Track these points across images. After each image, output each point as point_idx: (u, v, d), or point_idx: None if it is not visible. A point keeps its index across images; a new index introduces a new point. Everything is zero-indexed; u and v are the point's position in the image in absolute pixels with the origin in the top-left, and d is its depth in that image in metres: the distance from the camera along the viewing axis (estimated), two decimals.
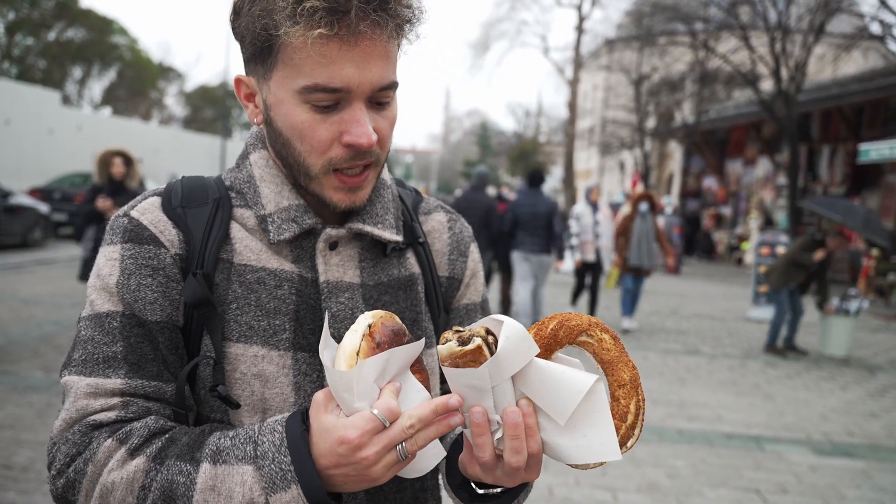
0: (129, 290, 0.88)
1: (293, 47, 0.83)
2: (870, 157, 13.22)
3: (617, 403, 0.76)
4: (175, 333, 0.91)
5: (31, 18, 27.13)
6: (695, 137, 23.49)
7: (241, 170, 1.00)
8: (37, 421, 4.46)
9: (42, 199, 14.99)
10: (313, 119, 0.87)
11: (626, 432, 0.75)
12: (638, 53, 24.55)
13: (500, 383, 0.73)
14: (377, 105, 0.89)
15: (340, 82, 0.84)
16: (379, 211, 1.01)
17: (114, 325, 0.87)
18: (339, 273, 0.97)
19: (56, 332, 6.83)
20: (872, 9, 18.62)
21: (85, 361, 0.86)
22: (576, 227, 8.87)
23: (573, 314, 0.77)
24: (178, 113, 44.88)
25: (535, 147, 48.20)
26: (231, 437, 0.79)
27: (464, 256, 1.13)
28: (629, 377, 0.76)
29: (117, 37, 32.60)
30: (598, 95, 35.58)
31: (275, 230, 0.94)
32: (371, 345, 0.75)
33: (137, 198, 0.97)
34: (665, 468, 4.39)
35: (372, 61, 0.85)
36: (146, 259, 0.90)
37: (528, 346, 0.72)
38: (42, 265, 11.67)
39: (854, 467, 4.59)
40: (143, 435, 0.81)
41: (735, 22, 16.57)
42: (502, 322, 0.73)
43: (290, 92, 0.86)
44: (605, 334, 0.76)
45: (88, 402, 0.84)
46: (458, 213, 1.18)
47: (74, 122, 22.81)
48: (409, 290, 1.03)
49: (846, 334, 8.10)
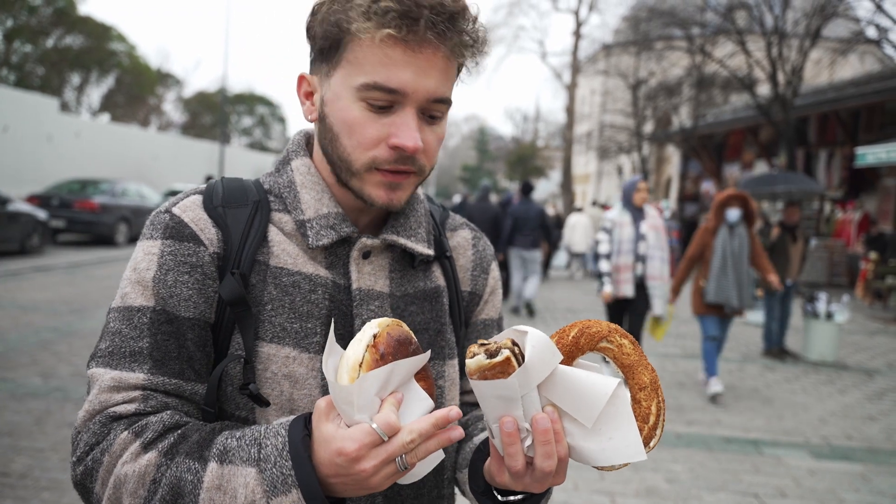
0: (166, 286, 0.91)
1: (360, 45, 0.88)
2: (867, 160, 13.24)
3: (638, 405, 0.78)
4: (205, 331, 0.93)
5: (29, 25, 27.14)
6: (692, 141, 23.53)
7: (282, 175, 1.03)
8: (34, 428, 4.45)
9: (40, 206, 14.96)
10: (366, 117, 0.90)
11: (648, 433, 0.78)
12: (635, 58, 24.61)
13: (527, 392, 0.75)
14: (429, 118, 0.93)
15: (398, 84, 0.87)
16: (413, 224, 1.04)
17: (143, 321, 0.90)
18: (371, 281, 1.01)
19: (54, 339, 6.82)
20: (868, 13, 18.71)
21: (112, 354, 0.89)
22: (606, 244, 5.93)
23: (593, 321, 0.79)
24: (177, 119, 44.86)
25: (534, 152, 48.25)
26: (238, 438, 0.81)
27: (485, 273, 1.17)
28: (649, 380, 0.78)
29: (115, 43, 32.61)
30: (596, 100, 35.65)
31: (313, 235, 0.97)
32: (374, 356, 0.75)
33: (179, 195, 1.00)
34: (664, 472, 4.38)
35: (431, 72, 0.88)
36: (185, 256, 0.93)
37: (552, 354, 0.74)
38: (40, 272, 11.66)
39: (852, 471, 4.59)
40: (158, 430, 0.83)
41: (731, 27, 16.61)
42: (526, 332, 0.74)
43: (349, 88, 0.90)
44: (624, 339, 0.79)
45: (111, 396, 0.87)
46: (481, 231, 1.23)
47: (73, 128, 22.80)
48: (434, 302, 1.06)
49: (829, 339, 8.05)
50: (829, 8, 14.33)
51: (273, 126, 52.71)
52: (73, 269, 12.41)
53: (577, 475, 4.25)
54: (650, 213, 5.97)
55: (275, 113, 52.27)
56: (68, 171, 21.21)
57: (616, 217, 5.96)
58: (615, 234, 5.89)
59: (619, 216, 5.96)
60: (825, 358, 8.04)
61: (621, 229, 5.89)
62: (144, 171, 26.34)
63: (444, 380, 1.05)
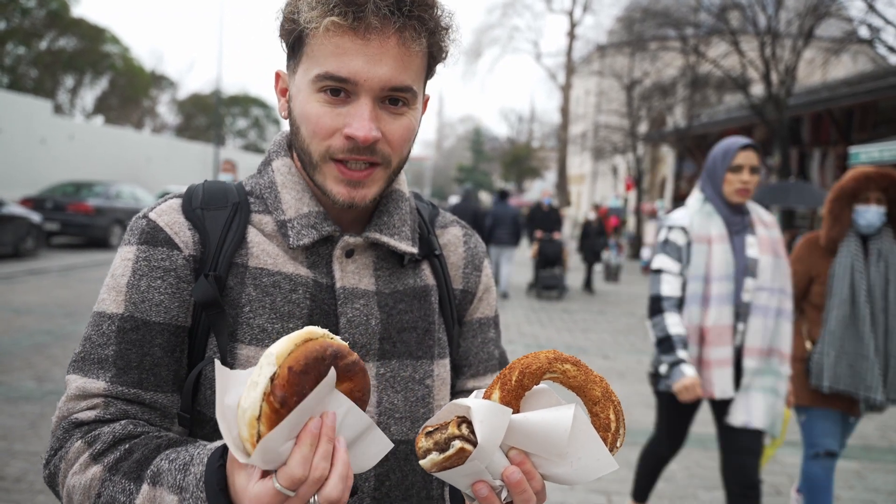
0: (139, 291, 0.92)
1: (315, 38, 0.88)
2: (860, 160, 13.29)
3: (597, 418, 0.79)
4: (177, 336, 0.93)
5: (22, 27, 27.04)
6: (687, 142, 23.60)
7: (263, 175, 1.03)
8: (29, 431, 4.44)
9: (34, 209, 14.90)
10: (322, 109, 0.90)
11: (612, 438, 0.79)
12: (629, 59, 24.67)
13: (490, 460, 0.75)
14: (390, 107, 0.91)
15: (348, 72, 0.87)
16: (396, 222, 1.03)
17: (111, 329, 0.90)
18: (355, 280, 1.00)
19: (48, 342, 6.80)
20: (861, 13, 18.79)
21: (83, 359, 0.91)
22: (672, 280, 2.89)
23: (530, 357, 0.78)
24: (171, 121, 44.79)
25: (529, 152, 48.33)
26: (171, 461, 0.80)
27: (478, 271, 1.16)
28: (601, 392, 0.79)
29: (109, 45, 32.52)
30: (591, 100, 35.72)
31: (294, 235, 0.96)
32: (273, 407, 0.67)
33: (158, 200, 1.01)
34: None
35: (384, 59, 0.87)
36: (158, 261, 0.93)
37: (502, 417, 0.74)
38: (34, 275, 11.61)
39: (847, 468, 4.61)
40: (107, 441, 0.84)
41: (725, 27, 16.67)
42: (469, 406, 0.74)
43: (307, 81, 0.91)
44: (566, 364, 0.78)
45: (76, 403, 0.89)
46: (472, 229, 1.21)
47: (66, 131, 22.72)
48: (423, 301, 1.05)
49: None
50: (821, 8, 14.39)
51: (268, 128, 52.64)
52: (67, 272, 12.37)
53: None
54: (762, 218, 2.97)
55: (269, 114, 52.19)
56: (62, 174, 21.13)
57: (693, 223, 2.90)
58: (694, 260, 2.86)
59: (699, 221, 2.90)
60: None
61: (705, 250, 2.85)
62: (138, 173, 26.26)
63: (432, 379, 1.04)
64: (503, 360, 1.19)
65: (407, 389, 1.01)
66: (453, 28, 0.94)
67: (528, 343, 8.30)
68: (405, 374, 1.01)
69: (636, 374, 7.01)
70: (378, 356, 0.99)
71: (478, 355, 1.14)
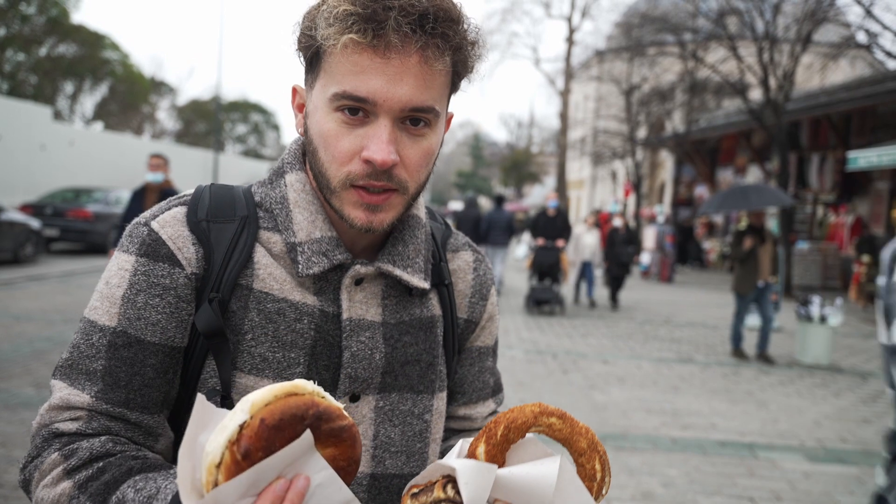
0: (134, 307, 0.87)
1: (333, 55, 0.84)
2: (858, 164, 13.33)
3: (582, 468, 0.79)
4: (171, 357, 0.90)
5: (22, 34, 27.09)
6: (686, 146, 23.63)
7: (275, 188, 0.97)
8: (28, 439, 4.42)
9: (33, 215, 14.90)
10: (340, 130, 0.86)
11: (597, 488, 0.80)
12: (628, 64, 24.74)
13: None
14: (411, 128, 0.87)
15: (366, 92, 0.83)
16: (411, 253, 0.99)
17: (102, 342, 0.87)
18: (363, 310, 0.95)
19: (47, 349, 6.79)
20: (858, 18, 18.84)
21: (71, 367, 0.88)
22: None
23: (516, 411, 0.78)
24: (171, 127, 44.85)
25: (528, 157, 48.39)
26: (137, 490, 0.77)
27: (484, 300, 1.12)
28: (587, 443, 0.79)
29: (109, 52, 32.59)
30: (590, 106, 35.78)
31: (304, 262, 0.92)
32: (235, 457, 0.63)
33: (161, 204, 0.95)
34: (659, 477, 4.39)
35: (405, 78, 0.83)
36: (158, 277, 0.88)
37: (487, 476, 0.74)
38: (33, 281, 11.60)
39: (847, 473, 4.60)
40: (84, 458, 0.82)
41: (723, 32, 16.72)
42: (453, 467, 0.74)
43: (324, 99, 0.87)
44: (551, 419, 0.78)
45: (59, 413, 0.86)
46: (482, 253, 1.17)
47: (66, 137, 22.73)
48: (428, 332, 1.01)
49: (823, 343, 8.07)
50: (819, 13, 14.43)
51: (267, 133, 52.71)
52: (67, 278, 12.36)
53: None
54: None
55: (269, 120, 52.29)
56: (62, 180, 21.13)
57: None
58: None
59: None
60: (819, 361, 8.07)
61: None
62: (138, 179, 26.12)
63: (430, 413, 1.01)
64: (497, 387, 1.16)
65: (405, 424, 0.99)
66: (479, 43, 0.90)
67: (527, 349, 8.30)
68: (405, 407, 0.99)
69: (635, 378, 7.01)
70: (379, 389, 0.96)
71: (473, 384, 1.12)
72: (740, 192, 8.83)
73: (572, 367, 7.44)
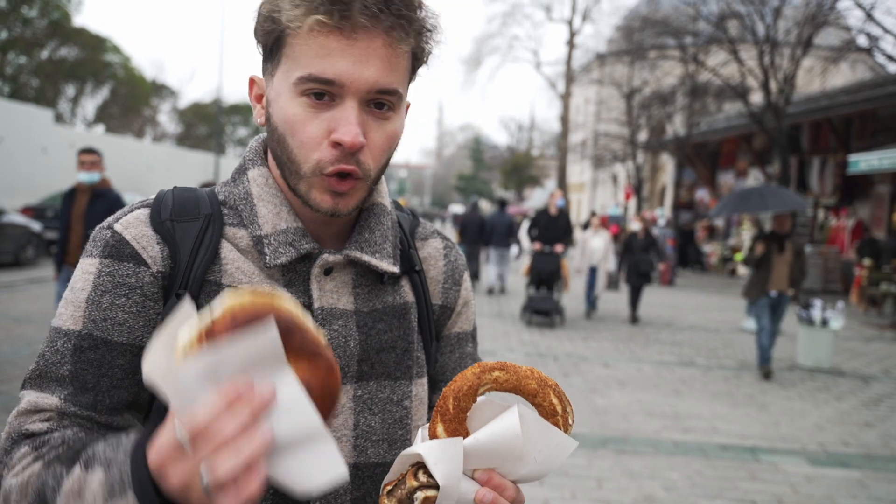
0: (100, 309, 0.86)
1: (297, 38, 0.84)
2: (859, 167, 13.33)
3: (542, 408, 0.79)
4: (140, 357, 0.88)
5: (23, 37, 27.16)
6: (686, 150, 23.65)
7: (238, 185, 0.97)
8: None
9: (35, 218, 14.91)
10: (306, 114, 0.85)
11: (563, 420, 0.79)
12: (629, 67, 24.77)
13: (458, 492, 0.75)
14: (376, 111, 0.87)
15: (334, 74, 0.83)
16: (378, 239, 0.99)
17: (67, 347, 0.86)
18: (334, 299, 0.95)
19: None
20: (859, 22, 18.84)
21: (39, 376, 0.86)
22: None
23: (458, 379, 0.78)
24: (172, 130, 44.91)
25: (528, 161, 48.41)
26: (107, 441, 0.76)
27: (457, 285, 1.12)
28: (536, 383, 0.79)
29: (110, 55, 32.66)
30: (590, 109, 35.81)
31: (271, 253, 0.91)
32: (201, 343, 0.62)
33: (125, 208, 0.94)
34: (661, 480, 4.37)
35: (371, 60, 0.83)
36: (123, 277, 0.88)
37: (454, 449, 0.74)
38: (34, 284, 11.60)
39: (850, 477, 4.59)
40: (55, 444, 0.80)
41: (724, 36, 16.74)
42: (418, 453, 0.74)
43: (288, 84, 0.86)
44: (494, 373, 0.78)
45: (28, 417, 0.85)
46: (452, 241, 1.17)
47: (67, 140, 22.77)
48: (402, 319, 1.02)
49: (824, 346, 8.03)
50: (820, 17, 14.46)
51: None
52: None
53: (575, 484, 4.24)
54: None
55: None
56: (63, 183, 21.11)
57: None
58: None
59: None
60: (821, 365, 8.05)
61: None
62: (139, 182, 26.28)
63: (410, 400, 1.01)
64: None
65: (385, 411, 0.98)
66: (438, 29, 0.90)
67: (528, 352, 8.28)
68: (383, 395, 0.99)
69: (636, 381, 7.00)
70: (356, 378, 0.96)
71: (455, 370, 1.11)
72: (757, 194, 8.67)
73: (573, 370, 7.43)
